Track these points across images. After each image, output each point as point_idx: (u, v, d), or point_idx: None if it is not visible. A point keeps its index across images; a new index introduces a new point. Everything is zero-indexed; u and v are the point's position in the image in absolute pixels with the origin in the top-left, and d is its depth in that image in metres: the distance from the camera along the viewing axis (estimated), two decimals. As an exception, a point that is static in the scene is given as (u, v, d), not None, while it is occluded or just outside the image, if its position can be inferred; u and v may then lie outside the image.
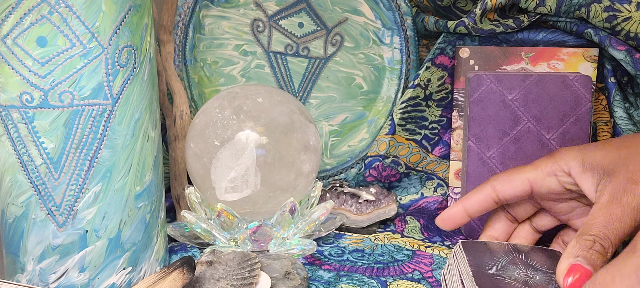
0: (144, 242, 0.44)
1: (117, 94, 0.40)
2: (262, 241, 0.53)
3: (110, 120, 0.40)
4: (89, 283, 0.42)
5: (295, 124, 0.52)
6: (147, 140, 0.43)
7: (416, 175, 0.66)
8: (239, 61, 0.68)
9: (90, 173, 0.40)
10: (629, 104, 0.58)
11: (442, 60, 0.62)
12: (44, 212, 0.40)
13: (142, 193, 0.43)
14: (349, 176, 0.67)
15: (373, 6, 0.65)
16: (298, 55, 0.67)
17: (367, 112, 0.68)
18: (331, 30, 0.67)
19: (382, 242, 0.56)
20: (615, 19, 0.54)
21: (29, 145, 0.39)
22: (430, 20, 0.62)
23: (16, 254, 0.41)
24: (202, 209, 0.54)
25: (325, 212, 0.53)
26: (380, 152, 0.64)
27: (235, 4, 0.66)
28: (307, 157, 0.52)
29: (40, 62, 0.38)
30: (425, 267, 0.50)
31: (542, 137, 0.54)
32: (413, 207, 0.66)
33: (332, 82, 0.68)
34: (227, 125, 0.51)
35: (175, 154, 0.60)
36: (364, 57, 0.67)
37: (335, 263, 0.51)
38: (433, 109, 0.64)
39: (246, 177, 0.50)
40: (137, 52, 0.41)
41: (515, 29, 0.59)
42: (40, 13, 0.37)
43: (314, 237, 0.55)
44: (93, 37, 0.39)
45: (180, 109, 0.60)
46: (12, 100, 0.39)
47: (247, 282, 0.41)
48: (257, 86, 0.56)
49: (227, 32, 0.67)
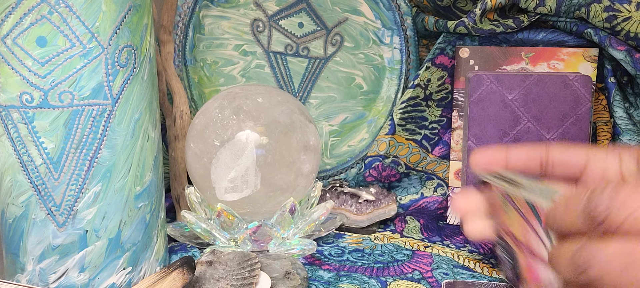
0: (144, 242, 0.44)
1: (117, 94, 0.40)
2: (262, 241, 0.53)
3: (110, 120, 0.40)
4: (89, 283, 0.42)
5: (295, 124, 0.52)
6: (147, 140, 0.43)
7: (416, 175, 0.66)
8: (239, 61, 0.68)
9: (90, 173, 0.40)
10: (629, 104, 0.58)
11: (442, 60, 0.62)
12: (44, 212, 0.40)
13: (142, 193, 0.43)
14: (349, 176, 0.67)
15: (373, 6, 0.65)
16: (298, 55, 0.67)
17: (367, 112, 0.68)
18: (331, 30, 0.67)
19: (382, 242, 0.56)
20: (615, 19, 0.54)
21: (29, 145, 0.39)
22: (430, 20, 0.62)
23: (16, 254, 0.41)
24: (202, 209, 0.54)
25: (325, 212, 0.54)
26: (380, 152, 0.64)
27: (235, 4, 0.66)
28: (307, 157, 0.52)
29: (40, 62, 0.38)
30: (425, 267, 0.50)
31: (542, 137, 0.54)
32: (413, 207, 0.66)
33: (332, 82, 0.68)
34: (227, 125, 0.51)
35: (175, 154, 0.60)
36: (364, 57, 0.67)
37: (335, 263, 0.51)
38: (433, 109, 0.64)
39: (246, 177, 0.50)
40: (137, 52, 0.41)
41: (515, 29, 0.59)
42: (40, 13, 0.37)
43: (314, 237, 0.55)
44: (93, 37, 0.39)
45: (180, 109, 0.60)
46: (12, 100, 0.39)
47: (247, 282, 0.41)
48: (257, 86, 0.56)
49: (227, 32, 0.67)
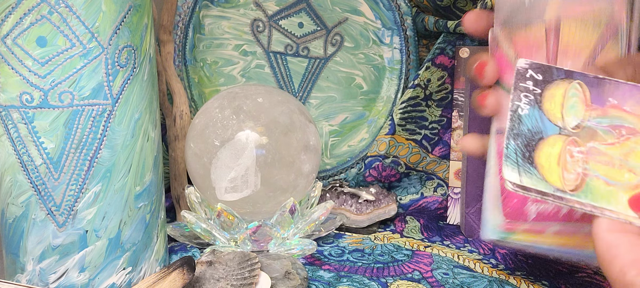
0: (144, 242, 0.44)
1: (117, 94, 0.40)
2: (262, 241, 0.53)
3: (110, 120, 0.40)
4: (89, 283, 0.42)
5: (295, 124, 0.52)
6: (147, 140, 0.43)
7: (416, 175, 0.66)
8: (239, 61, 0.68)
9: (90, 173, 0.40)
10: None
11: (442, 60, 0.62)
12: (44, 212, 0.40)
13: (142, 193, 0.43)
14: (349, 176, 0.67)
15: (373, 6, 0.65)
16: (298, 55, 0.67)
17: (367, 112, 0.68)
18: (331, 30, 0.67)
19: (382, 242, 0.56)
20: (615, 19, 0.54)
21: (29, 145, 0.39)
22: (430, 20, 0.62)
23: (16, 254, 0.41)
24: (202, 209, 0.54)
25: (325, 212, 0.54)
26: (380, 152, 0.64)
27: (235, 4, 0.66)
28: (307, 157, 0.52)
29: (40, 62, 0.38)
30: (425, 267, 0.50)
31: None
32: (413, 207, 0.66)
33: (332, 82, 0.68)
34: (227, 125, 0.51)
35: (175, 154, 0.60)
36: (364, 57, 0.67)
37: (335, 263, 0.51)
38: (433, 109, 0.64)
39: (246, 177, 0.50)
40: (137, 52, 0.41)
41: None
42: (40, 13, 0.37)
43: (314, 237, 0.55)
44: (93, 37, 0.39)
45: (180, 109, 0.60)
46: (12, 100, 0.39)
47: (247, 282, 0.41)
48: (257, 86, 0.56)
49: (227, 32, 0.67)
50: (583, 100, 0.33)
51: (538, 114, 0.33)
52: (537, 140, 0.33)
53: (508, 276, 0.48)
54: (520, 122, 0.34)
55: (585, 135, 0.32)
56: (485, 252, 0.54)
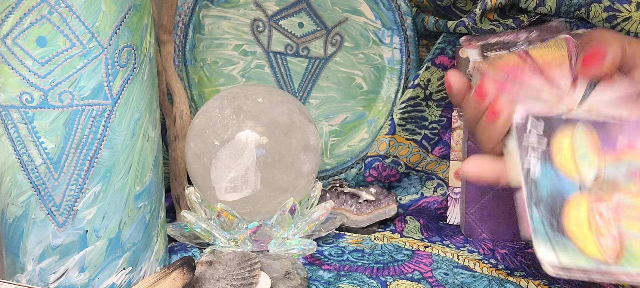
0: (144, 242, 0.44)
1: (117, 94, 0.40)
2: (262, 241, 0.53)
3: (110, 120, 0.40)
4: (89, 283, 0.42)
5: (295, 124, 0.52)
6: (147, 140, 0.43)
7: (416, 175, 0.66)
8: (239, 61, 0.68)
9: (90, 173, 0.40)
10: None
11: (442, 60, 0.62)
12: (44, 212, 0.40)
13: (142, 193, 0.43)
14: (349, 176, 0.67)
15: (373, 6, 0.65)
16: (298, 55, 0.67)
17: (367, 112, 0.68)
18: (331, 30, 0.67)
19: (381, 242, 0.56)
20: (615, 19, 0.54)
21: (29, 145, 0.39)
22: (430, 20, 0.62)
23: (16, 254, 0.41)
24: (202, 209, 0.54)
25: (325, 212, 0.54)
26: (380, 152, 0.64)
27: (235, 4, 0.66)
28: (307, 157, 0.52)
29: (40, 62, 0.38)
30: (425, 267, 0.50)
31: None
32: (413, 207, 0.66)
33: (332, 82, 0.68)
34: (227, 125, 0.51)
35: (175, 154, 0.60)
36: (363, 57, 0.67)
37: (335, 263, 0.51)
38: (433, 109, 0.64)
39: (246, 177, 0.50)
40: (137, 52, 0.41)
41: (515, 29, 0.59)
42: (40, 13, 0.37)
43: (314, 237, 0.55)
44: (93, 37, 0.39)
45: (180, 109, 0.60)
46: (12, 100, 0.39)
47: (247, 282, 0.41)
48: (257, 86, 0.56)
49: (227, 32, 0.67)
50: (593, 145, 0.31)
51: (551, 172, 0.31)
52: (560, 203, 0.31)
53: (508, 276, 0.48)
54: (536, 187, 0.31)
55: (608, 188, 0.31)
56: (485, 252, 0.54)
